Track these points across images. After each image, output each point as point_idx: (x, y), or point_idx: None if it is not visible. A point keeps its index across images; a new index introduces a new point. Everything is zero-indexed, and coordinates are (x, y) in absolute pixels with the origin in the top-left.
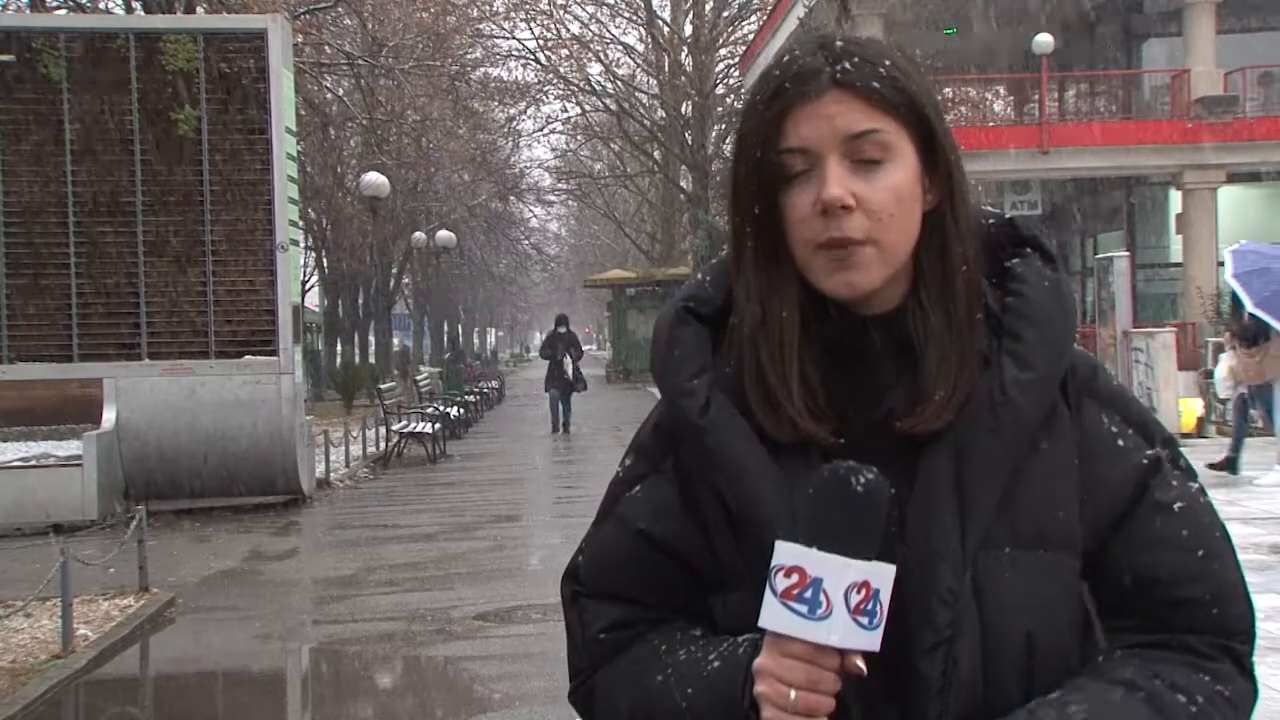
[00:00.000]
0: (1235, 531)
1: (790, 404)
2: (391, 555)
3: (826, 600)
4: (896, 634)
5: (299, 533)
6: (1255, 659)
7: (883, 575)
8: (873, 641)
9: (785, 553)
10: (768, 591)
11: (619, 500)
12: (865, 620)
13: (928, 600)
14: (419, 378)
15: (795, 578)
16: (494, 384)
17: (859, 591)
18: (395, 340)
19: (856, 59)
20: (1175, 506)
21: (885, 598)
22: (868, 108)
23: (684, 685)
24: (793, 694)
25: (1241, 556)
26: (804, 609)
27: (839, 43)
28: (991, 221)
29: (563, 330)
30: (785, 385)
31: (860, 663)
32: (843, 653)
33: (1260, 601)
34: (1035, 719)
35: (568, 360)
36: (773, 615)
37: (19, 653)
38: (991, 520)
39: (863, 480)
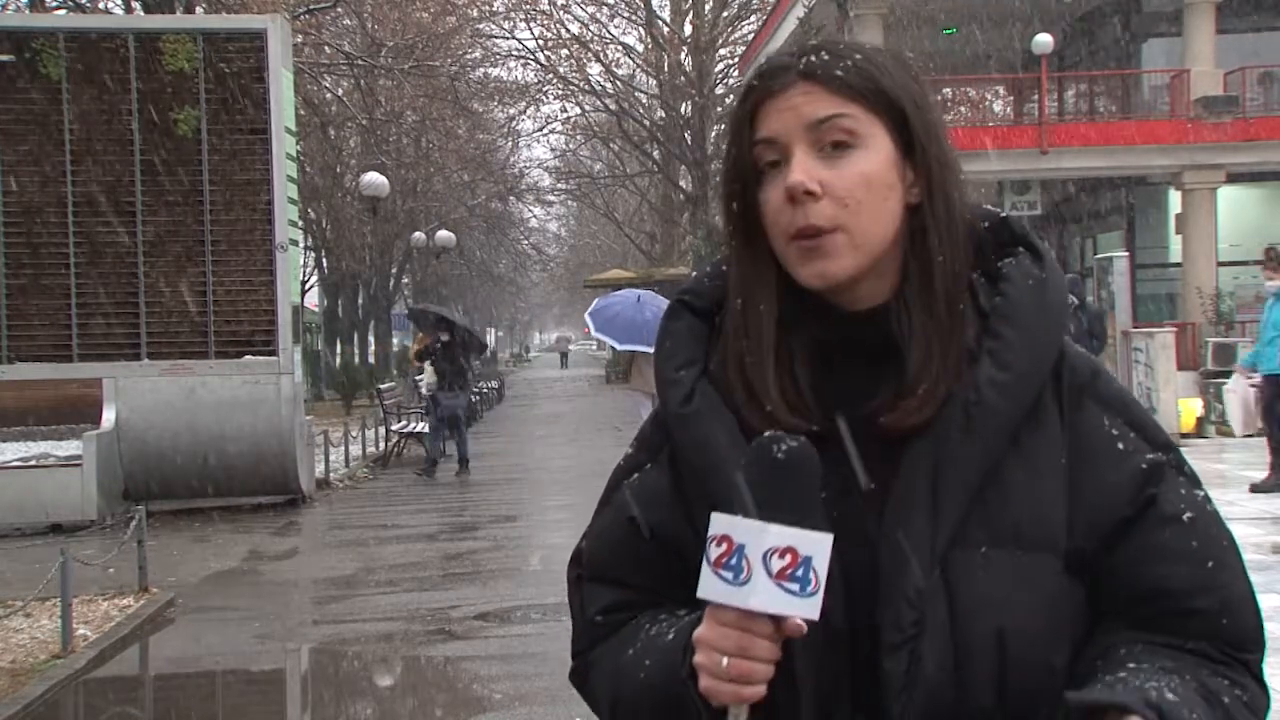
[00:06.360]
0: (1235, 531)
1: (767, 395)
2: (391, 555)
3: (747, 566)
4: (868, 631)
5: (299, 533)
6: (1265, 667)
7: (811, 542)
8: (809, 608)
9: (717, 523)
10: (703, 562)
11: (619, 488)
12: (795, 586)
13: (895, 598)
14: (419, 378)
15: (724, 546)
16: (494, 384)
17: (781, 557)
18: (395, 340)
19: (825, 53)
20: (1184, 517)
21: (820, 565)
22: (832, 95)
23: (645, 657)
24: (725, 661)
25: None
26: (730, 575)
27: (813, 43)
28: (986, 222)
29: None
30: (762, 377)
31: (800, 623)
32: (778, 619)
33: (1260, 601)
34: (1141, 689)
35: (427, 372)
36: (706, 584)
37: (19, 653)
38: (963, 519)
39: (783, 448)
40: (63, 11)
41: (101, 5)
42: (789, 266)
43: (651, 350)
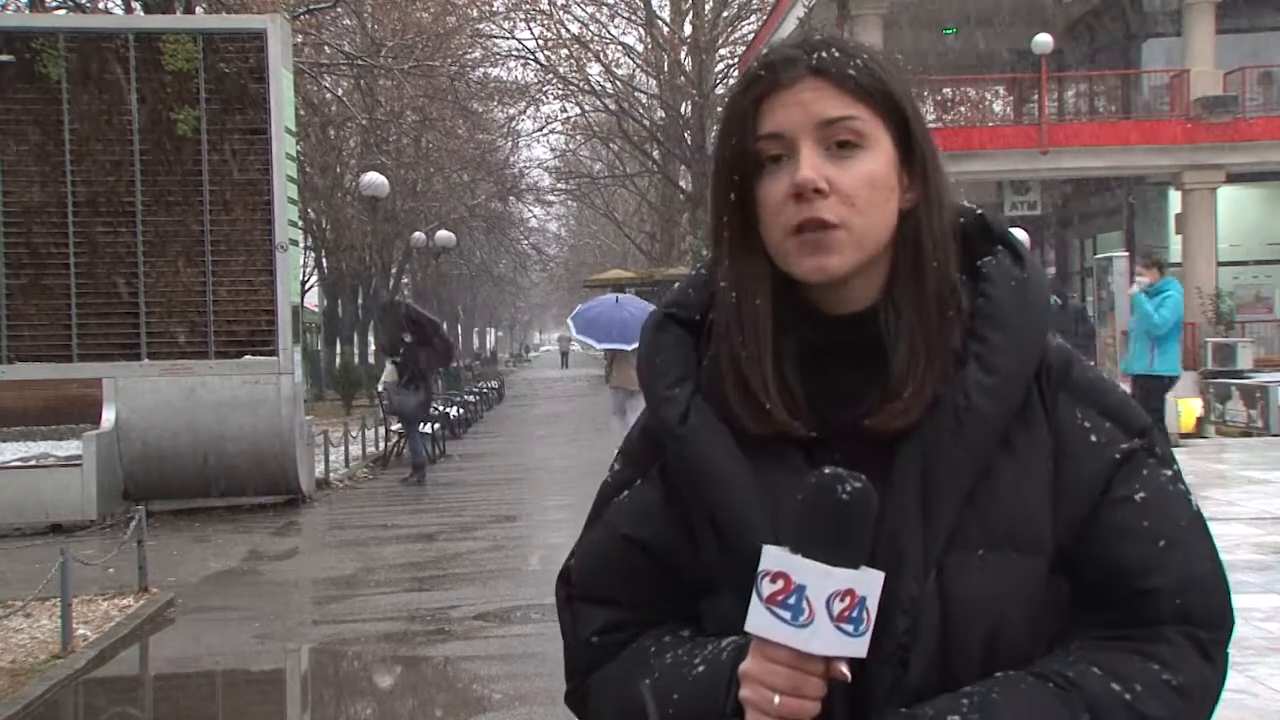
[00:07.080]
0: (1235, 531)
1: (764, 393)
2: (391, 555)
3: (809, 608)
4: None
5: (298, 533)
6: (1231, 648)
7: (868, 582)
8: (859, 648)
9: (772, 558)
10: (754, 596)
11: (607, 505)
12: (850, 628)
13: (889, 605)
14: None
15: (780, 584)
16: (494, 384)
17: (842, 600)
18: None
19: (834, 50)
20: (1137, 497)
21: (873, 604)
22: (843, 95)
23: (670, 690)
24: (776, 699)
25: (1241, 556)
26: (788, 615)
27: (819, 37)
28: (964, 219)
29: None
30: (760, 373)
31: (845, 669)
32: (828, 659)
33: (1260, 601)
34: (924, 711)
35: (388, 369)
36: (758, 620)
37: (19, 653)
38: (956, 524)
39: (849, 488)
40: (63, 11)
41: (101, 5)
42: (785, 262)
43: (629, 347)
